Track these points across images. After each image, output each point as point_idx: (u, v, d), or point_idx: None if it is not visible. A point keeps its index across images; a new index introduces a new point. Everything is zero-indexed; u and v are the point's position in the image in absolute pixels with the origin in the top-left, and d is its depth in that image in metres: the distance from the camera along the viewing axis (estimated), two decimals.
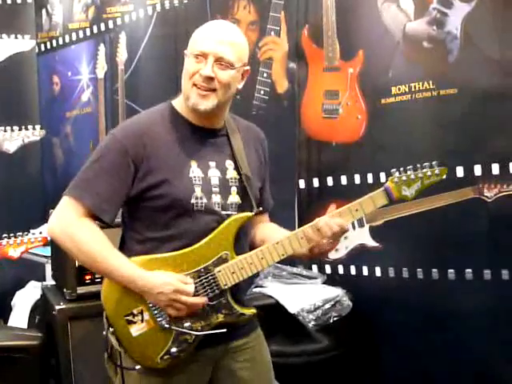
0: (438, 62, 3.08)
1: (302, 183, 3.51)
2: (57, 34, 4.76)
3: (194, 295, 1.94)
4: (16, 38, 4.16)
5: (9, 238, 3.44)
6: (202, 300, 1.94)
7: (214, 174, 2.01)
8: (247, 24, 3.75)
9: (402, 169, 2.02)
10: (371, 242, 3.35)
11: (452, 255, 3.07)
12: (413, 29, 3.14)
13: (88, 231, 1.94)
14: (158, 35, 4.14)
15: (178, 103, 2.06)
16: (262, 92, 3.65)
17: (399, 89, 3.18)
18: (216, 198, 2.00)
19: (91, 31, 4.57)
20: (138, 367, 1.98)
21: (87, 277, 3.08)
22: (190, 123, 2.03)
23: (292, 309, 3.07)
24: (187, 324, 1.95)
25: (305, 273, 3.44)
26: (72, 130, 4.80)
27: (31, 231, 3.62)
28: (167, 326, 1.94)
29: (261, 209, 2.09)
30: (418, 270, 3.17)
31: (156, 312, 1.94)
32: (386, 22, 3.23)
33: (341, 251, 3.45)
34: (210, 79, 1.94)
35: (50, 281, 3.54)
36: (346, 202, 3.47)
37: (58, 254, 3.26)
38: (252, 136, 2.18)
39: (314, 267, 3.54)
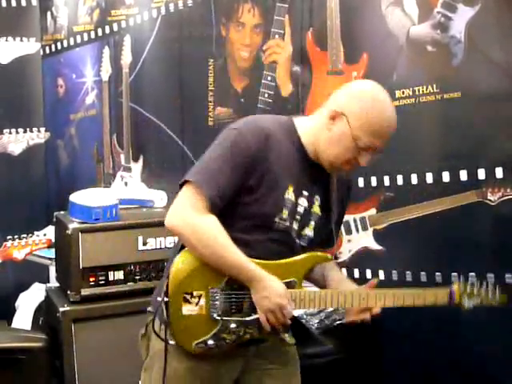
0: (441, 65, 3.08)
1: None
2: (61, 36, 4.78)
3: None
4: (21, 40, 4.17)
5: (13, 239, 3.46)
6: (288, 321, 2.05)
7: (302, 204, 2.10)
8: (251, 27, 3.76)
9: (470, 280, 2.17)
10: (375, 245, 3.35)
11: (455, 259, 3.06)
12: (417, 33, 3.14)
13: (212, 225, 1.99)
14: (162, 38, 4.15)
15: (301, 131, 2.13)
16: (267, 95, 3.66)
17: (403, 92, 3.18)
18: (295, 225, 2.09)
19: (96, 34, 4.59)
20: (171, 342, 2.05)
21: (91, 279, 3.10)
22: (304, 150, 2.10)
23: (295, 311, 3.07)
24: (233, 325, 2.03)
25: None
26: (76, 133, 4.82)
27: (35, 233, 3.64)
28: (217, 317, 2.02)
29: (338, 257, 2.25)
30: (422, 273, 3.16)
31: (212, 302, 2.02)
32: (389, 25, 3.23)
33: (344, 254, 3.45)
34: None
35: (53, 283, 3.55)
36: (350, 205, 3.47)
37: (63, 255, 3.27)
38: (345, 182, 2.27)
39: None
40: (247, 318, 2.04)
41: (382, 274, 3.31)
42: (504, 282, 2.93)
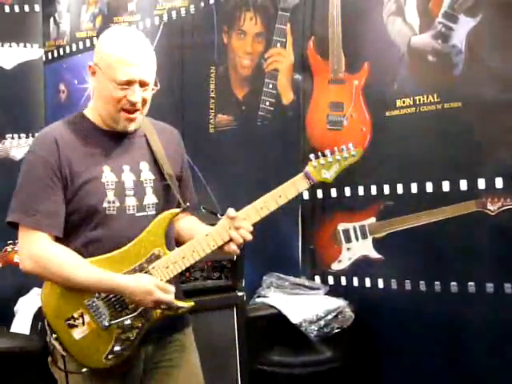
0: (442, 75, 3.09)
1: (305, 194, 3.52)
2: (64, 42, 4.78)
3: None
4: (25, 46, 4.19)
5: (14, 244, 3.46)
6: (172, 297, 1.99)
7: (128, 178, 2.06)
8: (253, 35, 3.78)
9: (319, 153, 2.07)
10: (374, 254, 3.35)
11: (455, 268, 3.07)
12: (418, 42, 3.15)
13: (55, 253, 1.97)
14: (164, 45, 4.16)
15: (89, 112, 2.11)
16: (268, 103, 3.67)
17: (404, 102, 3.19)
18: (131, 201, 2.05)
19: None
20: (84, 370, 2.00)
21: None
22: (101, 129, 2.08)
23: (294, 319, 3.08)
24: (127, 322, 1.99)
25: (307, 283, 3.44)
26: None
27: None
28: (107, 324, 1.98)
29: (188, 204, 2.14)
30: (421, 282, 3.17)
31: (95, 313, 1.98)
32: (391, 35, 3.25)
33: (344, 262, 3.46)
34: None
35: None
36: (350, 214, 3.48)
37: None
38: (169, 136, 2.23)
39: (317, 278, 3.54)
40: (136, 312, 2.00)
41: (381, 283, 3.32)
42: (503, 291, 2.93)
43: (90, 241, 2.01)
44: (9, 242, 3.48)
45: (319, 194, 3.50)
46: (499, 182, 2.93)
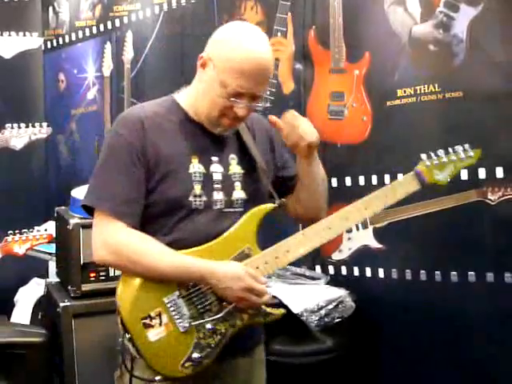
0: (443, 65, 3.08)
1: None
2: (63, 31, 4.77)
3: None
4: (24, 35, 4.17)
5: (14, 234, 3.46)
6: (264, 287, 1.84)
7: (217, 170, 1.91)
8: (254, 24, 3.75)
9: (432, 153, 1.93)
10: (375, 244, 3.36)
11: (455, 257, 3.07)
12: (419, 32, 3.14)
13: (135, 239, 1.82)
14: (164, 34, 4.15)
15: (182, 99, 1.97)
16: (268, 92, 3.66)
17: (405, 91, 3.18)
18: (218, 196, 1.90)
19: (98, 29, 4.58)
20: (157, 378, 1.81)
21: (92, 274, 3.10)
22: (191, 119, 1.93)
23: (295, 309, 3.08)
24: (209, 326, 1.82)
25: (308, 273, 3.44)
26: (77, 128, 4.81)
27: (36, 228, 3.64)
28: (187, 325, 1.80)
29: (284, 200, 2.00)
30: (422, 271, 3.17)
31: (174, 313, 1.80)
32: (392, 24, 3.24)
33: (344, 252, 3.46)
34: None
35: (53, 278, 3.55)
36: (350, 204, 3.48)
37: (63, 251, 3.28)
38: (259, 127, 2.09)
39: (318, 268, 3.55)
40: (220, 315, 1.82)
41: (381, 273, 3.32)
42: (503, 281, 2.94)
43: (171, 237, 1.84)
44: (9, 231, 3.47)
45: None
46: (500, 172, 2.93)
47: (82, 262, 3.07)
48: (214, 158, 1.92)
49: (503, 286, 2.95)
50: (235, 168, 1.95)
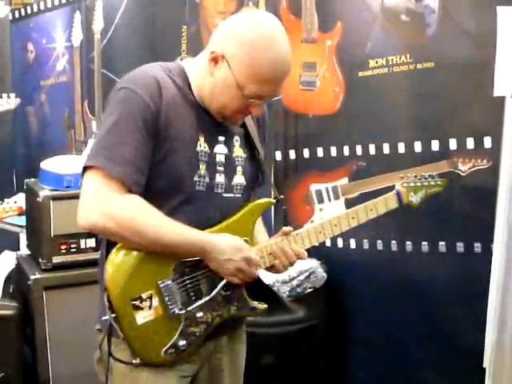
0: (415, 35, 3.08)
1: (278, 155, 3.51)
2: (31, 0, 4.68)
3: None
4: None
5: None
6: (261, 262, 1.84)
7: (221, 151, 1.84)
8: None
9: (401, 176, 2.08)
10: None
11: (426, 228, 3.10)
12: (391, 1, 3.13)
13: (136, 205, 1.69)
14: (135, 3, 4.09)
15: (189, 70, 1.85)
16: None
17: (377, 62, 3.18)
18: (220, 179, 1.83)
19: None
20: (135, 361, 1.77)
21: (63, 246, 3.07)
22: (199, 105, 1.82)
23: (267, 279, 3.09)
24: (198, 315, 1.78)
25: None
26: (47, 99, 4.75)
27: (5, 200, 3.60)
28: (180, 312, 1.75)
29: (282, 196, 2.02)
30: (393, 242, 3.20)
31: (168, 298, 1.74)
32: None
33: (316, 223, 3.46)
34: None
35: (24, 250, 3.52)
36: (322, 174, 3.49)
37: (34, 223, 3.25)
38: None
39: None
40: (210, 296, 1.78)
41: (353, 243, 3.34)
42: (473, 250, 2.97)
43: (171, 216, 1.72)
44: None
45: (292, 154, 3.49)
46: (470, 143, 2.95)
47: (52, 235, 3.05)
48: (221, 138, 1.84)
49: (472, 255, 2.98)
50: (238, 150, 1.89)
